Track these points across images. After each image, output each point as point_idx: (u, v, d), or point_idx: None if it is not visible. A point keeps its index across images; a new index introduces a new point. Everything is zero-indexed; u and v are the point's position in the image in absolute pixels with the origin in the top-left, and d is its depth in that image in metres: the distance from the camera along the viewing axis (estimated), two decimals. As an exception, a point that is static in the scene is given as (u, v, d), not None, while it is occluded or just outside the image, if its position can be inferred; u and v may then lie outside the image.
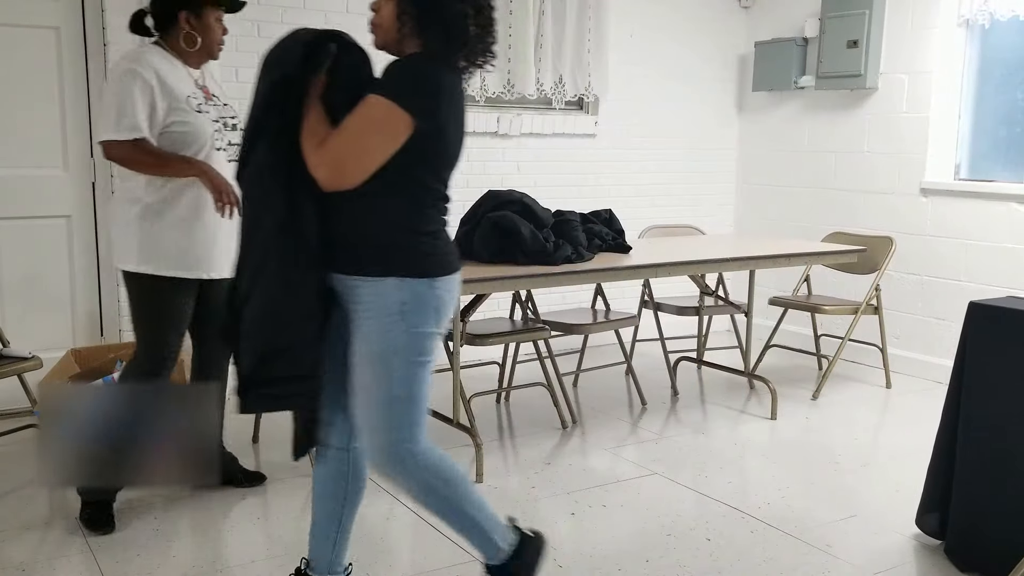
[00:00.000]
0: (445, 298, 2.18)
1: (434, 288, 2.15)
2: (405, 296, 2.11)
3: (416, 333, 2.13)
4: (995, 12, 4.56)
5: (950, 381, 2.80)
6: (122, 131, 2.78)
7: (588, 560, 2.79)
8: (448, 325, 2.26)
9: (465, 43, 2.11)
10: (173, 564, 2.72)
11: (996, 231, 4.63)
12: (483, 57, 2.19)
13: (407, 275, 2.11)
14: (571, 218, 3.77)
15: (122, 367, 3.13)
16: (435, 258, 2.18)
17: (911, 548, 2.91)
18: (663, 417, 4.25)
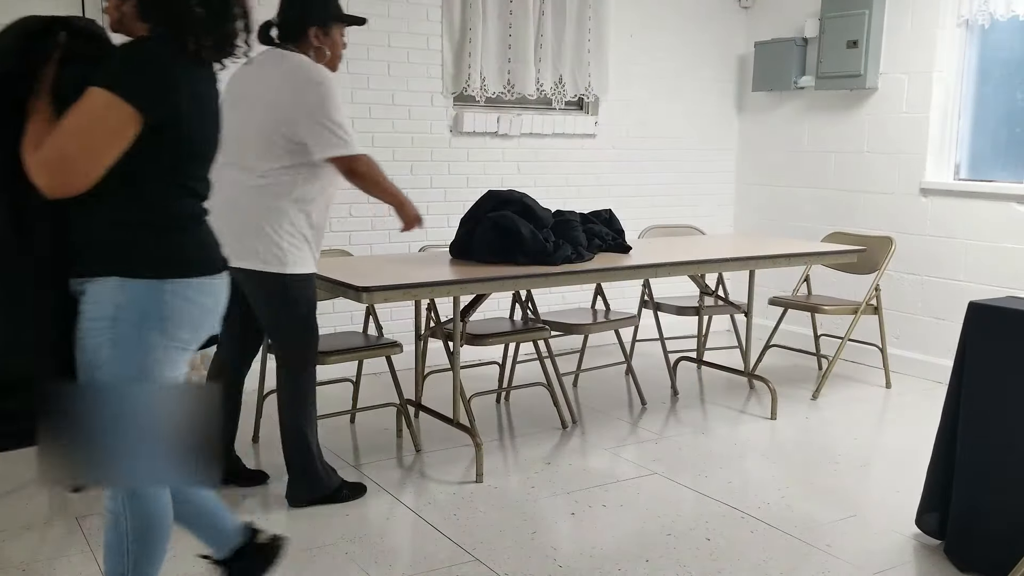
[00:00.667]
0: (178, 305, 1.87)
1: (163, 292, 1.85)
2: (121, 299, 1.83)
3: (129, 344, 1.84)
4: (995, 12, 4.56)
5: (950, 381, 2.80)
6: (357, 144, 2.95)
7: (588, 560, 2.79)
8: (187, 340, 1.95)
9: (191, 26, 1.85)
10: (173, 564, 2.72)
11: (996, 231, 4.63)
12: (224, 45, 1.94)
13: (129, 275, 1.83)
14: (571, 218, 3.77)
15: (285, 376, 3.09)
16: (172, 257, 1.88)
17: (911, 548, 2.91)
18: (663, 417, 4.25)
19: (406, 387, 3.90)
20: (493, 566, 2.74)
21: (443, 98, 4.92)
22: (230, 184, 2.89)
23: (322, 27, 3.00)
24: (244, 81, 2.96)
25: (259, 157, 2.91)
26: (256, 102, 2.91)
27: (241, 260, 2.90)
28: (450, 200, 4.97)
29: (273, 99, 2.88)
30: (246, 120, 2.90)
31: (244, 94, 2.94)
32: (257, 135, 2.90)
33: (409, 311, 4.76)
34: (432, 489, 3.34)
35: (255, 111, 2.90)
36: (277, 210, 2.92)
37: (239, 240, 2.88)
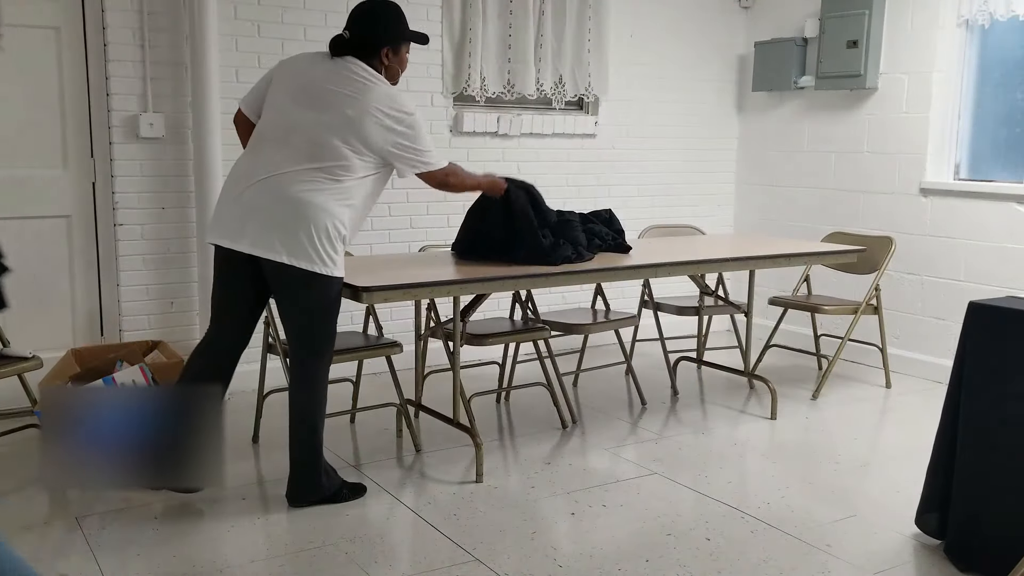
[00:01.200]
0: None
1: None
2: None
3: None
4: (995, 12, 4.56)
5: (950, 381, 2.80)
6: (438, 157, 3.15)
7: (588, 560, 2.79)
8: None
9: None
10: (173, 564, 2.72)
11: (996, 231, 4.63)
12: None
13: None
14: (571, 218, 3.77)
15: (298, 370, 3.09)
16: None
17: (910, 548, 2.91)
18: (663, 417, 4.25)
19: (406, 387, 3.90)
20: (493, 566, 2.74)
21: (443, 98, 4.92)
22: (283, 175, 2.94)
23: (393, 47, 3.14)
24: (310, 76, 3.03)
25: (321, 156, 2.94)
26: (333, 108, 2.97)
27: (283, 255, 2.92)
28: (450, 200, 4.97)
29: (354, 116, 2.96)
30: (318, 118, 2.96)
31: (318, 91, 2.99)
32: (330, 138, 2.95)
33: (409, 311, 4.76)
34: (432, 489, 3.34)
35: (332, 115, 2.96)
36: (328, 211, 2.93)
37: (285, 234, 2.91)
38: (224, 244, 2.99)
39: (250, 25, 4.34)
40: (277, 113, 3.03)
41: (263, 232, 2.92)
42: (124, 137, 4.14)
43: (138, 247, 4.23)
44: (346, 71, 3.02)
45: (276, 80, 3.08)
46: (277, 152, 2.97)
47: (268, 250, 2.92)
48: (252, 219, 2.94)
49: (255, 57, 4.36)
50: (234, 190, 3.00)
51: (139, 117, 4.14)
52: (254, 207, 2.94)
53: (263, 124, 3.06)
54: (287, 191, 2.92)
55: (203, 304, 4.29)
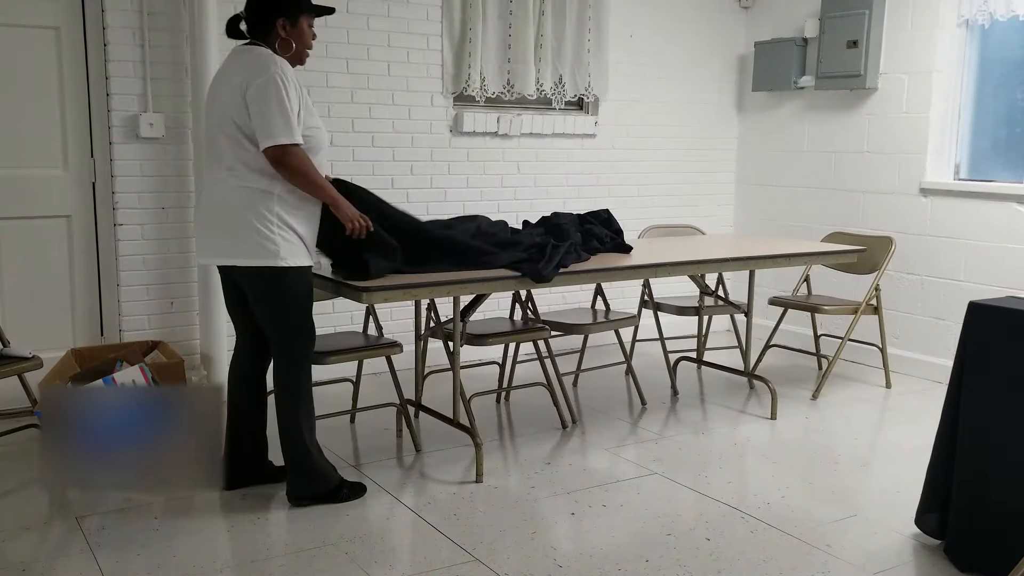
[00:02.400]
0: None
1: None
2: None
3: None
4: (995, 12, 4.56)
5: (950, 381, 2.80)
6: (297, 135, 2.89)
7: (588, 560, 2.79)
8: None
9: None
10: (173, 564, 2.72)
11: (996, 231, 4.63)
12: None
13: None
14: (562, 222, 3.75)
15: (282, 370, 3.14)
16: None
17: (910, 548, 2.91)
18: (663, 417, 4.25)
19: (406, 387, 3.90)
20: (493, 566, 2.74)
21: (443, 98, 4.92)
22: (215, 182, 2.99)
23: (289, 18, 3.01)
24: (216, 80, 3.04)
25: (232, 152, 2.94)
26: (221, 100, 2.94)
27: (235, 258, 2.97)
28: (450, 200, 4.98)
29: (230, 96, 2.91)
30: (218, 118, 2.96)
31: (214, 93, 3.01)
32: (225, 130, 2.93)
33: (409, 311, 4.76)
34: (432, 489, 3.33)
35: (222, 108, 2.94)
36: (261, 203, 2.93)
37: (230, 238, 2.96)
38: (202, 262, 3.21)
39: (250, 25, 4.33)
40: (207, 126, 3.08)
41: (212, 240, 3.04)
42: (124, 137, 4.14)
43: (138, 247, 4.23)
44: (235, 58, 2.99)
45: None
46: (213, 157, 3.03)
47: (221, 255, 3.03)
48: (201, 231, 3.12)
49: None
50: (199, 207, 3.15)
51: (139, 117, 4.14)
52: (200, 221, 3.11)
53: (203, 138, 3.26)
54: (226, 200, 2.96)
55: (203, 304, 4.29)
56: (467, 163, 5.03)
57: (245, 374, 3.28)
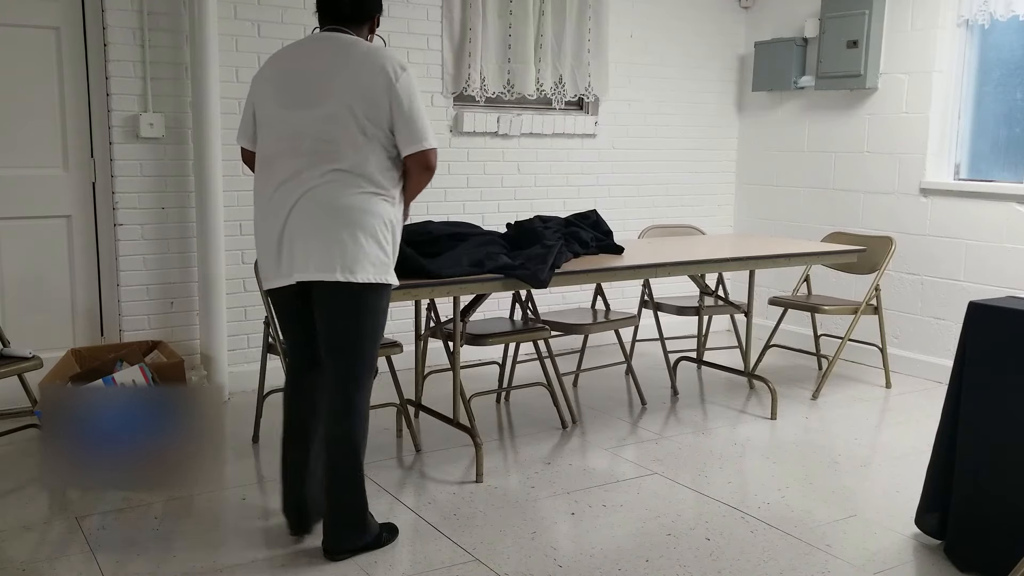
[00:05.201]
0: None
1: None
2: None
3: None
4: (995, 12, 4.56)
5: (950, 381, 2.80)
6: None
7: (588, 560, 2.79)
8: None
9: None
10: (173, 564, 2.72)
11: (996, 231, 4.63)
12: None
13: None
14: (534, 226, 3.69)
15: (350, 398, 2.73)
16: None
17: (911, 548, 2.91)
18: (663, 417, 4.25)
19: (406, 387, 3.90)
20: (493, 566, 2.74)
21: (443, 98, 4.92)
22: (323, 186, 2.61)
23: (380, 13, 2.85)
24: (302, 66, 2.67)
25: (354, 152, 2.61)
26: (337, 91, 2.60)
27: (352, 273, 2.60)
28: (450, 200, 4.98)
29: (358, 90, 2.60)
30: (332, 111, 2.61)
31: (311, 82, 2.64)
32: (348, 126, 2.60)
33: (409, 311, 4.77)
34: (432, 489, 3.33)
35: (339, 101, 2.60)
36: (385, 212, 2.65)
37: (348, 250, 2.60)
38: (275, 286, 2.70)
39: (250, 25, 4.34)
40: (272, 127, 2.68)
41: (319, 254, 2.61)
42: (124, 137, 4.14)
43: (138, 247, 4.23)
44: (336, 48, 2.66)
45: (257, 95, 2.74)
46: (299, 163, 2.63)
47: (327, 270, 2.60)
48: (296, 246, 2.62)
49: (255, 57, 4.36)
50: (269, 225, 2.67)
51: (139, 117, 4.14)
52: (295, 233, 2.62)
53: (262, 146, 2.72)
54: (326, 203, 2.60)
55: (203, 304, 4.29)
56: (467, 163, 5.03)
57: (316, 408, 2.85)
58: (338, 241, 2.59)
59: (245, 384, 4.45)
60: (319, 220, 2.59)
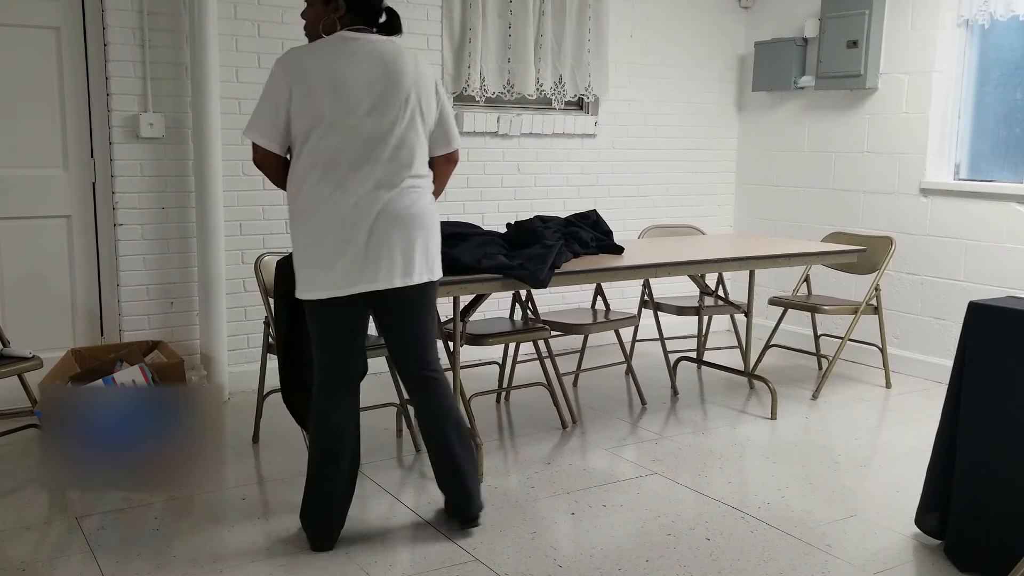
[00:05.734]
0: None
1: None
2: None
3: None
4: (995, 12, 4.56)
5: (950, 381, 2.80)
6: None
7: (588, 560, 2.79)
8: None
9: None
10: (173, 564, 2.72)
11: (996, 231, 4.63)
12: None
13: None
14: (535, 226, 3.70)
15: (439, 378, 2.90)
16: None
17: (911, 548, 2.91)
18: (663, 417, 4.25)
19: (406, 387, 3.90)
20: (493, 566, 2.74)
21: (443, 98, 4.92)
22: (408, 190, 2.72)
23: None
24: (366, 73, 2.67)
25: (420, 156, 2.76)
26: (404, 96, 2.69)
27: (431, 274, 2.78)
28: (450, 200, 4.97)
29: (419, 94, 2.72)
30: (408, 116, 2.71)
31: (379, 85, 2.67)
32: (418, 129, 2.73)
33: (409, 311, 4.76)
34: (432, 489, 3.33)
35: (412, 104, 2.71)
36: (436, 215, 2.81)
37: (429, 252, 2.77)
38: (357, 291, 2.69)
39: (250, 25, 4.34)
40: (340, 134, 2.64)
41: (408, 259, 2.71)
42: (124, 137, 4.14)
43: (138, 247, 4.23)
44: (392, 52, 2.70)
45: (304, 102, 2.63)
46: (375, 169, 2.66)
47: (415, 275, 2.73)
48: (383, 254, 2.68)
49: (255, 57, 4.36)
50: (348, 234, 2.65)
51: (139, 117, 4.14)
52: (382, 241, 2.67)
53: (323, 153, 2.65)
54: (404, 210, 2.69)
55: (203, 304, 4.29)
56: (467, 163, 5.03)
57: (354, 414, 2.89)
58: (422, 246, 2.73)
59: (245, 384, 4.45)
60: (405, 229, 2.69)
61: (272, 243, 4.50)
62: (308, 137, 2.64)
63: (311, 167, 2.64)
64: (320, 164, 2.64)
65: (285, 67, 2.66)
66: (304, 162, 2.65)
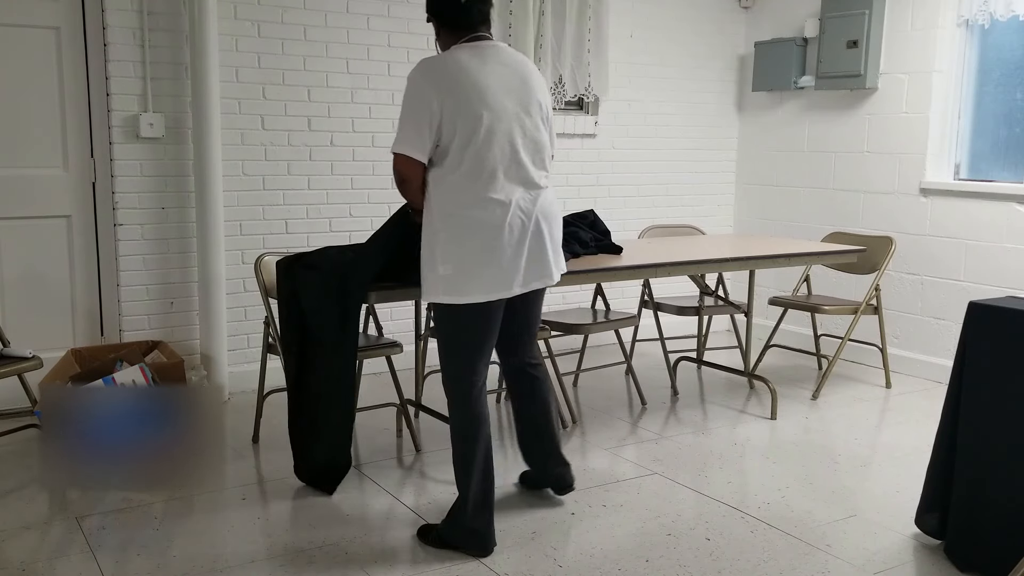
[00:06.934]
0: None
1: None
2: None
3: None
4: (995, 12, 4.56)
5: (950, 381, 2.80)
6: None
7: (588, 560, 2.79)
8: None
9: None
10: (173, 564, 2.72)
11: (996, 231, 4.63)
12: None
13: None
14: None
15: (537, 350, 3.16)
16: None
17: (911, 548, 2.91)
18: (663, 417, 4.25)
19: (406, 387, 3.90)
20: (493, 566, 2.74)
21: (443, 98, 4.92)
22: (547, 192, 2.86)
23: None
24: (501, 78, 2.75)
25: (549, 158, 2.90)
26: (536, 101, 2.81)
27: (563, 267, 2.97)
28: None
29: (544, 99, 2.84)
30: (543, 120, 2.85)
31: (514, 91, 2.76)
32: (548, 133, 2.87)
33: (409, 311, 4.77)
34: (432, 489, 3.33)
35: (543, 109, 2.84)
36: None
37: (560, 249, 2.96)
38: (530, 289, 2.84)
39: (250, 25, 4.34)
40: (500, 139, 2.71)
41: (557, 258, 2.91)
42: (124, 137, 4.14)
43: (138, 247, 4.23)
44: (515, 59, 2.81)
45: (457, 108, 2.66)
46: (525, 172, 2.76)
47: (559, 272, 2.93)
48: (542, 254, 2.82)
49: (255, 57, 4.36)
50: (509, 237, 2.73)
51: (139, 117, 4.14)
52: (539, 241, 2.80)
53: (489, 155, 2.69)
54: (550, 210, 2.84)
55: (203, 304, 4.29)
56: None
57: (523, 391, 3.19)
58: (560, 243, 2.93)
59: (245, 384, 4.45)
60: (552, 226, 2.85)
61: (272, 243, 4.50)
62: (459, 144, 2.67)
63: (463, 173, 2.69)
64: (473, 169, 2.68)
65: (429, 78, 2.68)
66: (454, 168, 2.69)
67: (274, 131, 4.46)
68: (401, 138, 2.69)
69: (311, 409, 3.22)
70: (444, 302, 2.76)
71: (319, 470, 3.29)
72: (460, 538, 2.82)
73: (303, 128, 4.53)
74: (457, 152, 2.67)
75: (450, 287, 2.73)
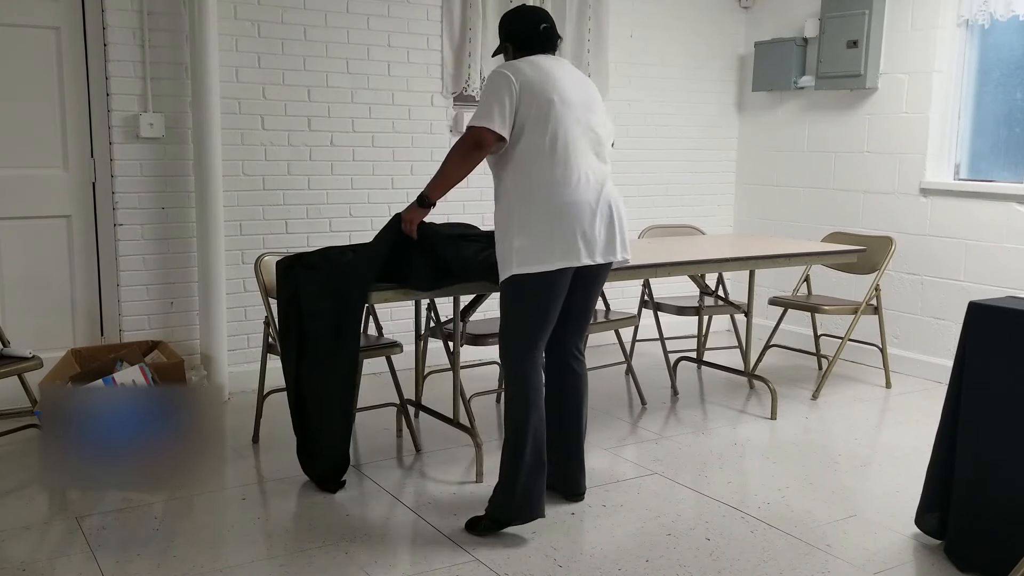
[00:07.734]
0: None
1: None
2: None
3: None
4: (995, 12, 4.56)
5: (950, 381, 2.80)
6: None
7: (588, 560, 2.79)
8: None
9: None
10: (173, 564, 2.72)
11: (996, 231, 4.63)
12: None
13: None
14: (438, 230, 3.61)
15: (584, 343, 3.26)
16: None
17: (911, 548, 2.91)
18: (663, 417, 4.25)
19: (406, 387, 3.90)
20: (493, 566, 2.74)
21: (443, 98, 4.92)
22: (609, 177, 3.07)
23: None
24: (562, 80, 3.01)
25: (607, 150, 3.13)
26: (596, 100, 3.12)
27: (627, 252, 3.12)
28: (450, 200, 4.95)
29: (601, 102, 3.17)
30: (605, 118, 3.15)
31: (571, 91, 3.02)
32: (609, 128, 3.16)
33: (409, 311, 4.76)
34: (432, 489, 3.34)
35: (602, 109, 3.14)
36: None
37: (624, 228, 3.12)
38: (605, 260, 3.02)
39: (250, 25, 4.34)
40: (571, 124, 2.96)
41: (617, 239, 3.04)
42: (124, 137, 4.14)
43: (138, 247, 4.23)
44: (572, 68, 3.12)
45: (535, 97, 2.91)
46: (591, 158, 3.01)
47: (623, 252, 3.07)
48: (613, 229, 3.01)
49: (255, 57, 4.36)
50: (581, 209, 2.92)
51: (139, 117, 4.14)
52: (611, 218, 3.00)
53: (561, 136, 2.93)
54: (615, 193, 3.05)
55: (203, 304, 4.29)
56: (467, 163, 5.02)
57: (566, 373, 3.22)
58: (626, 228, 3.09)
59: (245, 384, 4.45)
60: (620, 210, 3.03)
61: (272, 243, 4.50)
62: (532, 123, 2.90)
63: (535, 151, 2.91)
64: (545, 148, 2.91)
65: (509, 68, 2.95)
66: (527, 146, 2.91)
67: (274, 131, 4.46)
68: (482, 113, 2.91)
69: (311, 409, 3.22)
70: (518, 272, 2.90)
71: (320, 470, 3.30)
72: (511, 513, 2.93)
73: (303, 128, 4.53)
74: (531, 131, 2.90)
75: (523, 258, 2.90)
